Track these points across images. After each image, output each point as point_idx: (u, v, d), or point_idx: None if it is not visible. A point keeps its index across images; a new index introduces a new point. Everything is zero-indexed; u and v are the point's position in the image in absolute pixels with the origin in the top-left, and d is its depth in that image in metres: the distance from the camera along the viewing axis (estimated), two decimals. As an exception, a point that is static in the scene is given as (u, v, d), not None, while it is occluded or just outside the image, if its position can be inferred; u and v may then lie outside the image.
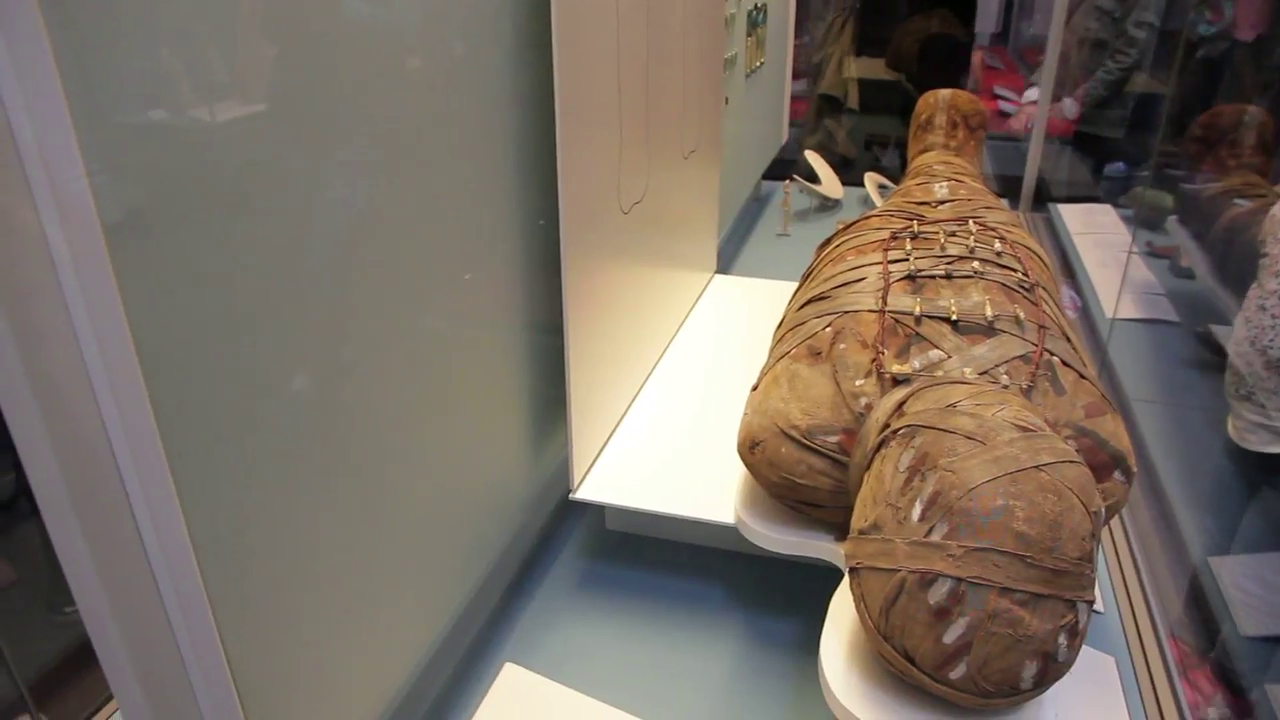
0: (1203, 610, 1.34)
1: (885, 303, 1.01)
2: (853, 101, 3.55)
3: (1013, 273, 1.06)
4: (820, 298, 1.09)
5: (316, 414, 0.69)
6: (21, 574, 1.50)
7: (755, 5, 2.05)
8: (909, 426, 0.82)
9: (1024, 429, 0.77)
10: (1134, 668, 1.08)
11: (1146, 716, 1.02)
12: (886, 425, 0.87)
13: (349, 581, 0.77)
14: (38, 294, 0.49)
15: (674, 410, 1.35)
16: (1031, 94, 3.59)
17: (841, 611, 0.88)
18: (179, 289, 0.55)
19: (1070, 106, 3.03)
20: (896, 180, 2.07)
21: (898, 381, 0.93)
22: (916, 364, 0.94)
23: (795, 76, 2.81)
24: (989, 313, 0.97)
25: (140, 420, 0.53)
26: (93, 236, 0.49)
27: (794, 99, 2.83)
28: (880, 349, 0.96)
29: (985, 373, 0.92)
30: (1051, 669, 0.72)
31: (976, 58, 4.20)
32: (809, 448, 0.94)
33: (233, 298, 0.60)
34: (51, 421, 0.50)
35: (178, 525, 0.57)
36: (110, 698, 1.05)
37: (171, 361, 0.55)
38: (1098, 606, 1.09)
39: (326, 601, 0.74)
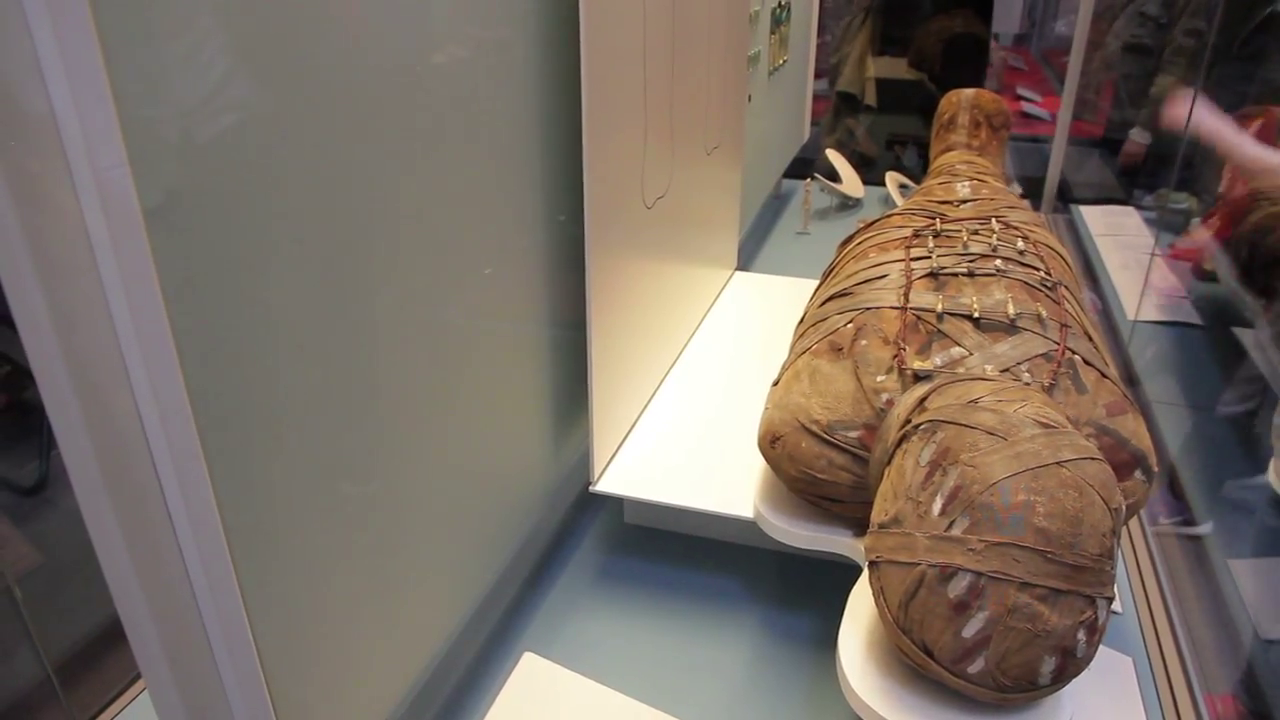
0: (1222, 612, 1.33)
1: (907, 300, 1.01)
2: (870, 99, 3.54)
3: (1035, 271, 1.06)
4: (842, 294, 1.09)
5: (341, 404, 0.70)
6: (48, 558, 1.52)
7: (779, 3, 2.05)
8: (930, 421, 0.82)
9: (1045, 425, 0.77)
10: (1152, 670, 1.08)
11: (1164, 718, 1.02)
12: (908, 420, 0.87)
13: (372, 569, 0.78)
14: (76, 279, 0.50)
15: (694, 405, 1.36)
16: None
17: (860, 606, 0.89)
18: (212, 277, 0.56)
19: (1141, 134, 3.04)
20: (917, 180, 2.06)
21: (919, 377, 0.93)
22: (938, 360, 0.94)
23: (817, 75, 2.80)
24: (1011, 311, 0.97)
25: (175, 406, 0.54)
26: (132, 222, 0.49)
27: (815, 98, 2.82)
28: (902, 345, 0.96)
29: (1007, 370, 0.92)
30: (1070, 665, 0.73)
31: (998, 57, 4.19)
32: (829, 443, 0.94)
33: (264, 286, 0.61)
34: (87, 405, 0.51)
35: (210, 509, 0.58)
36: (137, 678, 1.06)
37: (205, 347, 0.56)
38: (1116, 607, 1.09)
39: (350, 588, 0.75)
